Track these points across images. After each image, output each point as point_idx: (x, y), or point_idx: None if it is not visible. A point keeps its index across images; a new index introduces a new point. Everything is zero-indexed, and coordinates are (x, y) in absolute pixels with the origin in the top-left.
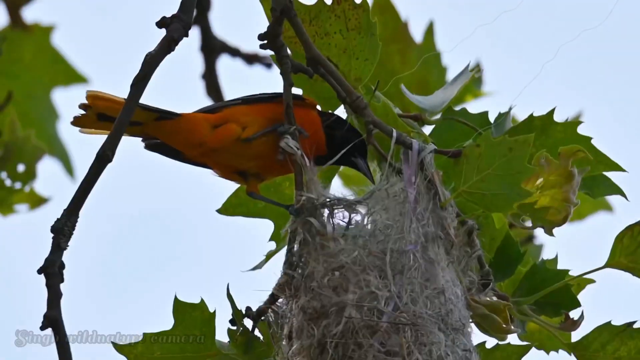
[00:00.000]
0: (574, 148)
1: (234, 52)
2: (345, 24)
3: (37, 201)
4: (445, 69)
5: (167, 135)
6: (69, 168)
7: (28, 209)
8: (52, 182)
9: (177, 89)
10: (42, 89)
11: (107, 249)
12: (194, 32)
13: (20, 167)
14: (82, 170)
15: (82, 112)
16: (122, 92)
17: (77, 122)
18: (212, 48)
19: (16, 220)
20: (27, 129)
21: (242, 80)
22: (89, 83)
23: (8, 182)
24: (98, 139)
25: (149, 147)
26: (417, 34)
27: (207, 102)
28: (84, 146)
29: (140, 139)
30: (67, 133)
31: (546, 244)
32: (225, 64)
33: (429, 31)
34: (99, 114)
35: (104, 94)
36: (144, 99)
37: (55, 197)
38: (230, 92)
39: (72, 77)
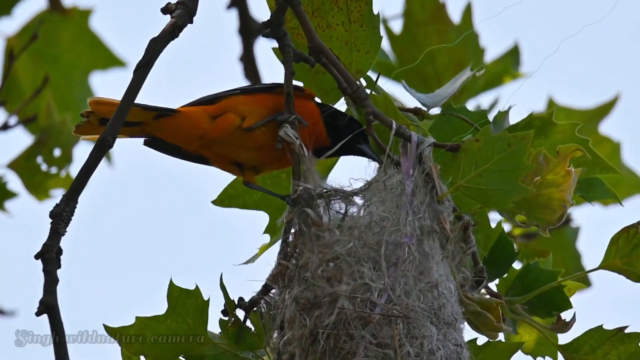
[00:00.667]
0: (572, 147)
1: (265, 35)
2: (347, 16)
3: None
4: (483, 50)
5: (168, 131)
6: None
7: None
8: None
9: (216, 71)
10: (80, 73)
11: (102, 238)
12: (232, 15)
13: (57, 152)
14: (118, 154)
15: (85, 119)
16: (158, 73)
17: (79, 130)
18: (250, 30)
19: (52, 205)
20: (64, 113)
21: (279, 63)
22: (127, 67)
23: (44, 167)
24: None
25: (147, 143)
26: (455, 14)
27: (246, 84)
28: None
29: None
30: None
31: (583, 227)
32: (263, 46)
33: (467, 12)
34: (101, 119)
35: (105, 99)
36: (169, 83)
37: (91, 182)
38: (268, 74)
39: (111, 60)
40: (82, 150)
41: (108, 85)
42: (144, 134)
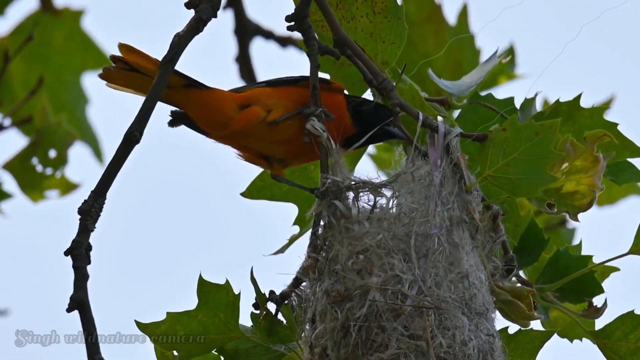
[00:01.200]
0: (599, 133)
1: (268, 35)
2: (371, 8)
3: (68, 187)
4: (478, 51)
5: (194, 106)
6: (98, 153)
7: (59, 195)
8: (82, 167)
9: (211, 71)
10: (72, 74)
11: (133, 231)
12: (228, 15)
13: (52, 153)
14: (145, 147)
15: (112, 66)
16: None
17: (104, 75)
18: (246, 31)
19: (46, 206)
20: (58, 114)
21: (275, 63)
22: None
23: (39, 168)
24: (127, 125)
25: (173, 122)
26: (451, 16)
27: (241, 84)
28: (113, 131)
29: (168, 114)
30: (97, 118)
31: (579, 228)
32: (258, 47)
33: (463, 13)
34: (130, 67)
35: (137, 49)
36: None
37: (86, 182)
38: (263, 74)
39: (102, 61)
40: (112, 148)
41: (100, 86)
42: (170, 100)
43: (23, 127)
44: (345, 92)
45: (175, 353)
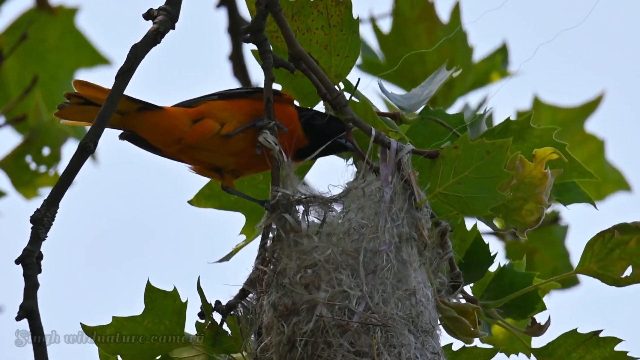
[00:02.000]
0: (548, 150)
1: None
2: (327, 20)
3: None
4: (471, 49)
5: (148, 127)
6: None
7: None
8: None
9: (205, 70)
10: (65, 72)
11: (83, 238)
12: (221, 14)
13: (45, 151)
14: (102, 153)
15: (67, 102)
16: (144, 73)
17: (60, 113)
18: (239, 29)
19: (40, 203)
20: (51, 112)
21: None
22: (112, 65)
23: (33, 166)
24: None
25: (124, 137)
26: (443, 14)
27: (234, 83)
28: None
29: (119, 131)
30: None
31: (572, 225)
32: (251, 46)
33: (455, 11)
34: (85, 101)
35: (91, 83)
36: (141, 86)
37: (78, 180)
38: (256, 73)
39: (96, 59)
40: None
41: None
42: (123, 126)
43: (17, 126)
44: (296, 102)
45: (119, 358)
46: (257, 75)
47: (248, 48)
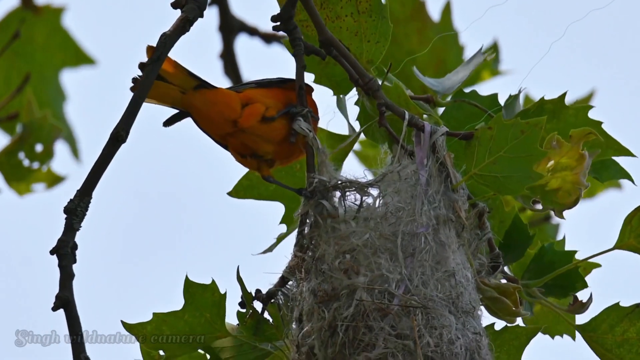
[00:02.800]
0: (585, 130)
1: (252, 32)
2: (356, 7)
3: (54, 180)
4: (462, 49)
5: (204, 106)
6: (75, 150)
7: (45, 188)
8: (63, 163)
9: (195, 68)
10: (51, 71)
11: (119, 230)
12: (212, 12)
13: (38, 147)
14: (87, 152)
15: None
16: (131, 74)
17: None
18: (231, 27)
19: (33, 199)
20: (41, 109)
21: (260, 60)
22: (97, 65)
23: (26, 162)
24: (105, 123)
25: (169, 122)
26: (434, 13)
27: (225, 81)
28: (91, 128)
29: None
30: (75, 115)
31: (562, 224)
32: (243, 44)
33: (446, 10)
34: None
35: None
36: None
37: (71, 176)
38: (248, 71)
39: (81, 58)
40: (88, 145)
41: (78, 83)
42: (181, 105)
43: (9, 124)
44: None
45: (161, 353)
46: (248, 73)
47: (239, 46)
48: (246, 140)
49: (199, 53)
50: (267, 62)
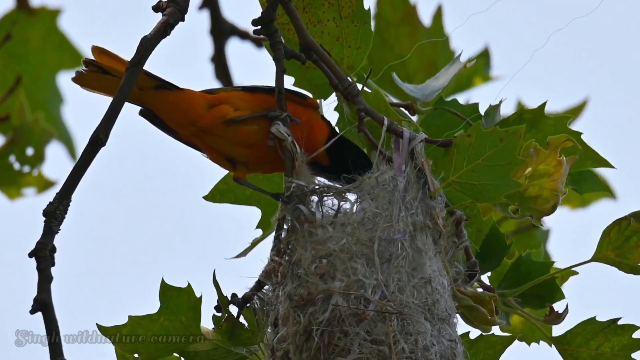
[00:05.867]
0: (562, 137)
1: (244, 35)
2: (338, 12)
3: (45, 184)
4: (453, 53)
5: (164, 106)
6: (72, 152)
7: (36, 192)
8: (58, 165)
9: (186, 71)
10: (48, 73)
11: (96, 233)
12: (204, 15)
13: (29, 151)
14: (109, 149)
15: (84, 69)
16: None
17: (77, 79)
18: (222, 31)
19: (24, 204)
20: (34, 112)
21: (251, 63)
22: None
23: (17, 166)
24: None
25: (143, 113)
26: (426, 17)
27: (216, 85)
28: (88, 130)
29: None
30: (72, 117)
31: (552, 230)
32: (234, 47)
33: (438, 14)
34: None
35: (110, 52)
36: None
37: (61, 181)
38: (239, 75)
39: (78, 60)
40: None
41: (76, 85)
42: (141, 102)
43: (0, 126)
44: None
45: (136, 355)
46: (239, 77)
47: (230, 50)
48: (209, 141)
49: (190, 56)
50: (258, 65)
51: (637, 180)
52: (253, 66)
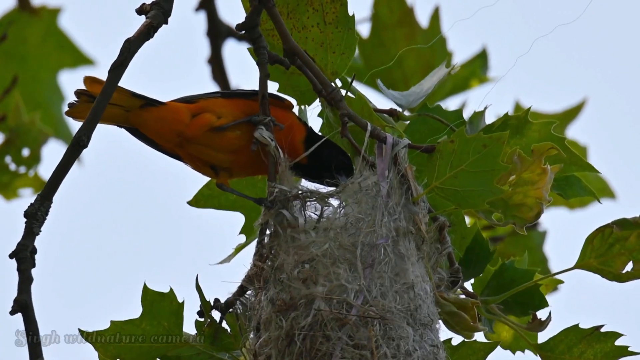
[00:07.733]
0: (547, 145)
1: (240, 37)
2: (322, 18)
3: (41, 185)
4: (450, 54)
5: (151, 122)
6: None
7: (32, 193)
8: (55, 166)
9: (183, 73)
10: (48, 72)
11: (79, 237)
12: (200, 17)
13: (25, 152)
14: (86, 153)
15: (76, 100)
16: (130, 73)
17: (71, 112)
18: (218, 33)
19: (20, 204)
20: (33, 112)
21: (247, 65)
22: (96, 65)
23: (12, 167)
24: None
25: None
26: (423, 19)
27: (213, 86)
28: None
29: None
30: None
31: (550, 231)
32: (231, 49)
33: (435, 16)
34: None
35: (101, 80)
36: (141, 82)
37: (64, 181)
38: (235, 76)
39: (79, 59)
40: (55, 150)
41: (76, 84)
42: (128, 123)
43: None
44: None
45: None
46: (236, 79)
47: (227, 51)
48: (193, 151)
49: (187, 58)
50: (254, 67)
51: (637, 181)
52: (249, 68)
